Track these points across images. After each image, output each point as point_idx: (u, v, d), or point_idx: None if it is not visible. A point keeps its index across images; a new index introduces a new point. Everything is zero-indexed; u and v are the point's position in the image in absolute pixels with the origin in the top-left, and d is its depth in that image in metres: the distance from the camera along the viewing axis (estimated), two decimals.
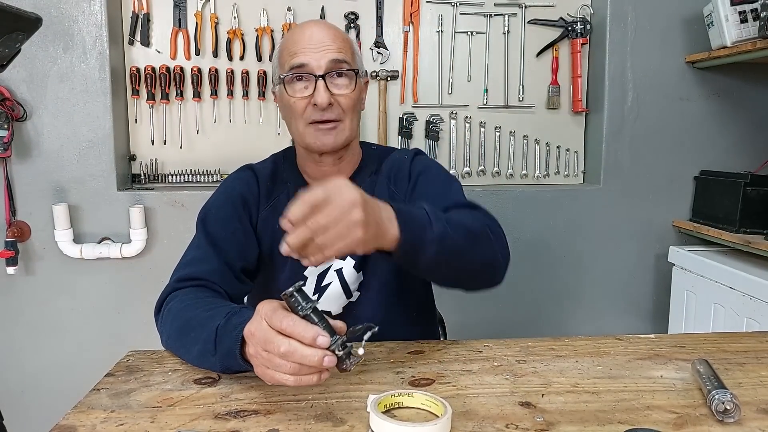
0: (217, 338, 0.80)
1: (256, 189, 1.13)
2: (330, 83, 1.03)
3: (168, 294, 0.98)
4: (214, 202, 1.13)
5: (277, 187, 1.15)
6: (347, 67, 1.04)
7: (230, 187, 1.15)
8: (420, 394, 0.74)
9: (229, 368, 0.81)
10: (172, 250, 1.95)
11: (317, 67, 1.02)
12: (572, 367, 0.89)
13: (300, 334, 0.67)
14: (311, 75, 1.02)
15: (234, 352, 0.76)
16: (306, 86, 1.04)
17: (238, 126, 2.06)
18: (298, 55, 1.03)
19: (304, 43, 1.03)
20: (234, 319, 0.80)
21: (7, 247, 1.83)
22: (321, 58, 1.02)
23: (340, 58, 1.03)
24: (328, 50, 1.03)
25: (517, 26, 2.13)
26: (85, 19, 1.87)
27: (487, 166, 2.17)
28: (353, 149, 1.15)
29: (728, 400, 0.71)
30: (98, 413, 0.74)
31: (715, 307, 1.83)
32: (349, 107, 1.06)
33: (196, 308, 0.89)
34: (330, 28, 1.06)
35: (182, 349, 0.88)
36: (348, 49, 1.06)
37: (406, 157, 1.18)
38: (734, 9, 1.84)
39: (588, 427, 0.70)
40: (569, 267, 2.15)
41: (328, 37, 1.04)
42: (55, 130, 1.89)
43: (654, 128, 2.12)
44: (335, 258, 0.77)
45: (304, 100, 1.04)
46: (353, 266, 1.14)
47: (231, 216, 1.09)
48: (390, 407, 0.73)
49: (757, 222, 1.86)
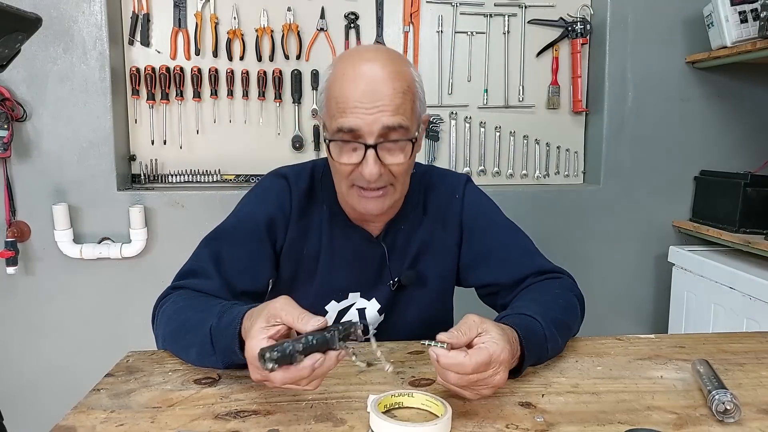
0: (213, 338, 0.80)
1: (288, 206, 1.03)
2: (381, 152, 0.90)
3: (163, 298, 0.95)
4: (243, 215, 1.04)
5: (312, 207, 1.04)
6: (404, 136, 0.90)
7: (261, 203, 1.04)
8: (420, 394, 0.74)
9: (231, 363, 0.81)
10: (172, 250, 1.95)
11: (368, 133, 0.88)
12: (572, 367, 0.89)
13: (291, 378, 0.66)
14: (361, 143, 0.90)
15: (233, 349, 0.76)
16: (354, 149, 0.91)
17: (238, 126, 2.06)
18: (347, 114, 0.88)
19: (357, 98, 0.87)
20: (225, 317, 0.79)
21: (7, 247, 1.83)
22: (374, 122, 0.87)
23: (396, 124, 0.88)
24: (383, 112, 0.87)
25: (517, 26, 2.13)
26: (85, 20, 1.87)
27: (487, 166, 2.17)
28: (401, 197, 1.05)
29: (728, 400, 0.71)
30: (98, 413, 0.74)
31: (715, 307, 1.83)
32: (401, 173, 0.94)
33: (189, 310, 0.88)
34: (389, 76, 0.88)
35: (181, 352, 0.88)
36: (408, 106, 0.90)
37: (457, 196, 1.09)
38: (734, 9, 1.84)
39: (588, 427, 0.70)
40: (569, 267, 2.11)
41: (386, 90, 0.88)
42: (55, 130, 1.89)
43: (654, 128, 2.12)
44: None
45: (351, 166, 0.92)
46: (377, 310, 1.07)
47: (253, 235, 1.00)
48: (390, 407, 0.73)
49: (757, 222, 1.86)
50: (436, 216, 1.08)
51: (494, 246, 1.06)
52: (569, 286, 1.02)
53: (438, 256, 1.08)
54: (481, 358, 0.69)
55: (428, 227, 1.08)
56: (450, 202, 1.09)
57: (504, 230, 1.09)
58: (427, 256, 1.08)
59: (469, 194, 1.10)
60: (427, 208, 1.08)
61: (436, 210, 1.08)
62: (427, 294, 1.09)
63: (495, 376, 0.71)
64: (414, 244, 1.07)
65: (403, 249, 1.07)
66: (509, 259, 1.05)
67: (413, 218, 1.07)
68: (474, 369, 0.68)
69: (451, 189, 1.10)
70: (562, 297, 0.97)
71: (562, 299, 0.96)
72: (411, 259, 1.07)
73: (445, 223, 1.08)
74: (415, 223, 1.07)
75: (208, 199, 1.96)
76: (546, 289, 0.99)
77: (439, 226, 1.08)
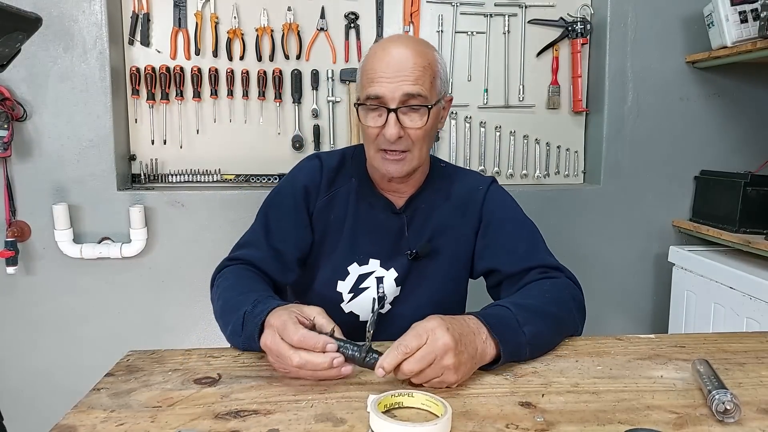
0: (244, 322, 0.90)
1: (318, 178, 1.16)
2: (401, 116, 1.03)
3: (220, 270, 1.09)
4: (280, 191, 1.18)
5: (340, 179, 1.17)
6: (421, 102, 1.03)
7: (296, 176, 1.18)
8: (420, 394, 0.74)
9: (251, 349, 0.90)
10: (172, 250, 1.95)
11: (391, 99, 1.02)
12: (572, 367, 0.89)
13: (312, 345, 0.78)
14: (384, 108, 1.03)
15: (254, 337, 0.86)
16: (379, 114, 1.04)
17: (238, 126, 2.06)
18: (374, 83, 1.02)
19: (382, 69, 1.02)
20: (259, 306, 0.90)
21: (7, 247, 1.83)
22: (396, 90, 1.01)
23: (415, 92, 1.01)
24: (405, 81, 1.01)
25: (517, 26, 2.13)
26: (85, 19, 1.87)
27: (487, 166, 2.17)
28: (422, 169, 1.16)
29: (728, 400, 0.71)
30: (98, 413, 0.74)
31: (715, 307, 1.83)
32: (419, 138, 1.06)
33: (234, 290, 1.00)
34: (412, 53, 1.02)
35: (223, 327, 0.97)
36: (428, 79, 1.03)
37: (481, 188, 1.19)
38: (734, 9, 1.84)
39: (588, 427, 0.70)
40: (569, 267, 2.13)
41: (408, 64, 1.01)
42: (55, 130, 1.89)
43: (654, 128, 2.12)
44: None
45: (376, 129, 1.05)
46: (394, 278, 1.16)
47: (291, 206, 1.14)
48: (390, 407, 0.73)
49: (757, 222, 1.86)
50: (458, 204, 1.17)
51: (506, 237, 1.14)
52: (564, 284, 1.06)
53: (454, 240, 1.16)
54: (411, 342, 0.78)
55: (448, 212, 1.17)
56: (473, 194, 1.18)
57: (519, 225, 1.16)
58: (444, 237, 1.16)
59: (493, 190, 1.19)
60: (450, 195, 1.18)
61: (458, 199, 1.18)
62: (441, 271, 1.16)
63: (443, 360, 0.77)
64: (433, 224, 1.16)
65: (422, 225, 1.16)
66: (516, 251, 1.11)
67: (435, 200, 1.17)
68: (404, 350, 0.77)
69: (476, 183, 1.20)
70: (550, 292, 1.01)
71: (550, 294, 1.01)
72: (429, 236, 1.16)
73: (466, 212, 1.17)
74: (436, 205, 1.17)
75: (208, 199, 1.96)
76: (535, 286, 1.05)
77: (459, 213, 1.17)
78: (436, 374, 0.78)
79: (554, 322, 0.95)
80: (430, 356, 0.77)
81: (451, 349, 0.78)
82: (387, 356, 0.78)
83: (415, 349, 0.77)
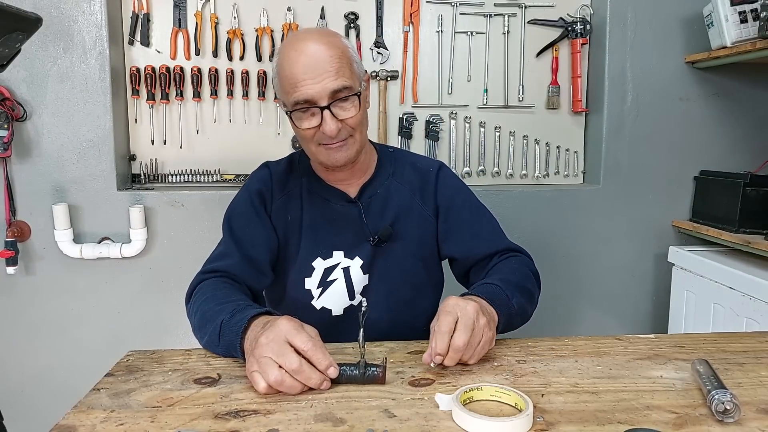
0: (221, 332, 0.90)
1: (269, 181, 1.19)
2: (335, 110, 1.04)
3: (195, 285, 1.08)
4: (237, 201, 1.20)
5: (291, 181, 1.20)
6: (350, 92, 1.04)
7: (249, 185, 1.21)
8: (489, 387, 0.77)
9: (230, 356, 0.91)
10: (172, 250, 1.95)
11: (320, 98, 1.02)
12: (572, 367, 0.89)
13: (316, 360, 0.79)
14: (316, 107, 1.03)
15: (235, 345, 0.86)
16: (312, 114, 1.05)
17: (238, 126, 2.06)
18: (298, 88, 1.02)
19: (303, 72, 1.01)
20: (237, 315, 0.90)
21: (7, 247, 1.83)
22: (322, 89, 1.01)
23: (340, 86, 1.02)
24: (327, 77, 1.01)
25: (517, 26, 2.13)
26: (85, 19, 1.87)
27: (487, 166, 2.17)
28: (366, 152, 1.18)
29: (728, 400, 0.71)
30: (98, 413, 0.74)
31: (715, 307, 1.83)
32: (357, 124, 1.08)
33: (212, 302, 0.99)
34: (324, 47, 1.03)
35: (201, 340, 0.97)
36: (346, 67, 1.04)
37: (431, 170, 1.23)
38: (734, 9, 1.84)
39: (588, 427, 0.70)
40: (569, 267, 2.15)
41: (325, 60, 1.01)
42: (55, 130, 1.89)
43: (654, 128, 2.12)
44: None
45: (313, 129, 1.06)
46: (360, 266, 1.17)
47: (251, 212, 1.16)
48: (465, 403, 0.75)
49: (756, 222, 1.86)
50: (413, 187, 1.21)
51: (468, 225, 1.20)
52: (526, 262, 1.17)
53: (415, 221, 1.20)
54: (441, 317, 0.85)
55: (406, 195, 1.20)
56: (426, 177, 1.22)
57: (476, 210, 1.23)
58: (406, 219, 1.19)
59: (443, 175, 1.23)
60: (403, 178, 1.21)
61: (412, 182, 1.21)
62: (406, 253, 1.19)
63: (467, 309, 0.86)
64: (391, 208, 1.19)
65: (380, 211, 1.18)
66: (481, 235, 1.19)
67: (389, 185, 1.20)
68: (446, 324, 0.84)
69: (426, 165, 1.25)
70: (519, 270, 1.12)
71: (520, 271, 1.12)
72: (390, 221, 1.18)
73: (423, 196, 1.21)
74: (392, 189, 1.20)
75: (208, 199, 1.96)
76: (506, 264, 1.15)
77: (418, 197, 1.20)
78: (480, 336, 0.86)
79: (530, 296, 1.08)
80: (469, 322, 0.84)
81: (479, 311, 0.87)
82: (435, 342, 0.83)
83: (453, 323, 0.84)
